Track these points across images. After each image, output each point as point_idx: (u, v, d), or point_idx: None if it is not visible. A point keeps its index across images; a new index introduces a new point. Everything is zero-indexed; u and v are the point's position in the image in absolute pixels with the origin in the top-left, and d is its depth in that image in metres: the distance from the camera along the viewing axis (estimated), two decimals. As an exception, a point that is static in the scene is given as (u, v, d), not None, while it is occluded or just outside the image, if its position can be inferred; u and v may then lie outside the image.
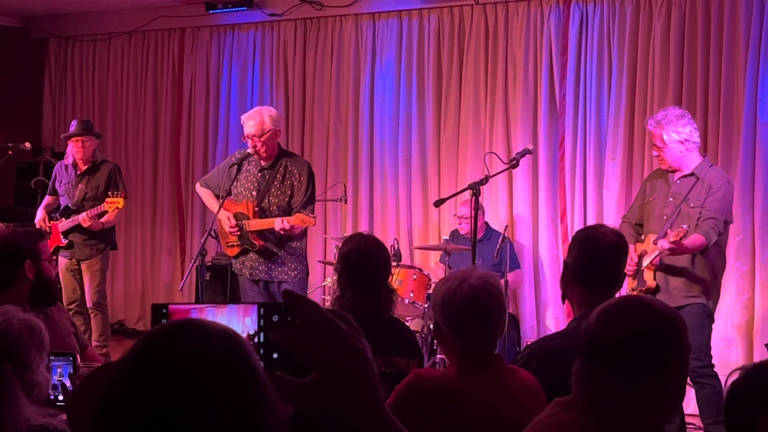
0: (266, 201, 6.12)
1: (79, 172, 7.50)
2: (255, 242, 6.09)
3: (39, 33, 10.25)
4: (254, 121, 6.11)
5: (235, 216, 6.15)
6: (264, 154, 6.12)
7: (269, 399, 1.36)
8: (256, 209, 6.10)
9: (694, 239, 5.29)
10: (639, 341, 2.17)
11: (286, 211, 6.08)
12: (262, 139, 6.06)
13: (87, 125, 7.62)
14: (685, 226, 5.21)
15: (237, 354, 1.37)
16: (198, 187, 6.57)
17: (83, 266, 7.43)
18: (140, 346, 1.38)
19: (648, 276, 5.52)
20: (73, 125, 7.61)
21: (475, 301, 2.98)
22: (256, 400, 1.36)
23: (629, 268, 5.53)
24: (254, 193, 6.13)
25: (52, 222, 7.45)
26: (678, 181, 5.57)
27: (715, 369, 5.41)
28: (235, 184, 6.18)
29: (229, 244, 6.28)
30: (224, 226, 6.19)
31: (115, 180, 7.51)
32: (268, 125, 6.09)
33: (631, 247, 5.62)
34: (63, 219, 7.38)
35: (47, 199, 7.69)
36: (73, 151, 7.49)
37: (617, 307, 2.29)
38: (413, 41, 8.24)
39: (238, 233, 6.13)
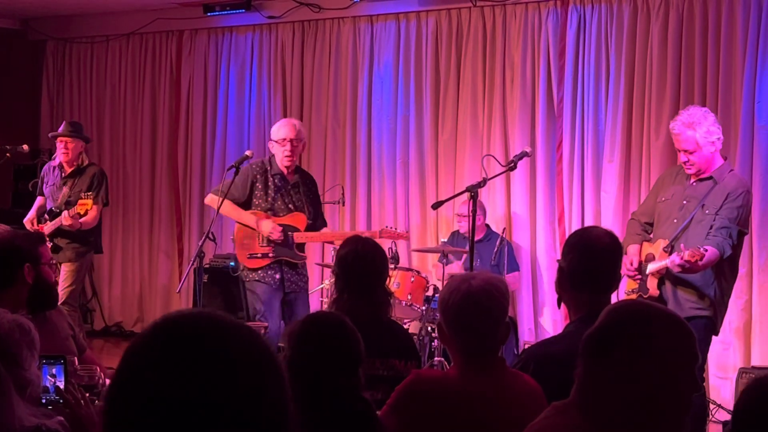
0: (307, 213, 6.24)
1: (64, 175, 7.44)
2: (300, 254, 6.18)
3: (37, 35, 10.24)
4: (291, 126, 6.22)
5: (281, 227, 6.16)
6: (293, 161, 6.20)
7: (288, 395, 1.38)
8: (310, 222, 6.17)
9: (708, 255, 4.95)
10: (636, 339, 2.13)
11: (316, 221, 6.33)
12: (300, 144, 6.21)
13: (75, 127, 7.53)
14: (701, 249, 4.87)
15: (265, 347, 1.39)
16: (209, 199, 6.34)
17: (63, 267, 7.35)
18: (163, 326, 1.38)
19: (652, 284, 5.25)
20: (62, 125, 7.54)
21: (470, 302, 2.99)
22: (282, 393, 1.37)
23: (629, 271, 5.33)
24: (291, 206, 6.21)
25: (39, 225, 7.36)
26: (694, 184, 5.26)
27: (704, 382, 5.30)
28: (266, 198, 6.20)
29: (255, 255, 6.20)
30: (270, 236, 6.12)
31: (98, 184, 7.39)
32: (303, 133, 6.27)
33: (635, 247, 5.42)
34: (49, 221, 7.31)
35: (39, 200, 7.62)
36: (59, 152, 7.44)
37: (621, 307, 2.29)
38: (411, 44, 8.25)
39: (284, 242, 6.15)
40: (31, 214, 7.53)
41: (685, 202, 5.28)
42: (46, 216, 7.42)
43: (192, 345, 1.33)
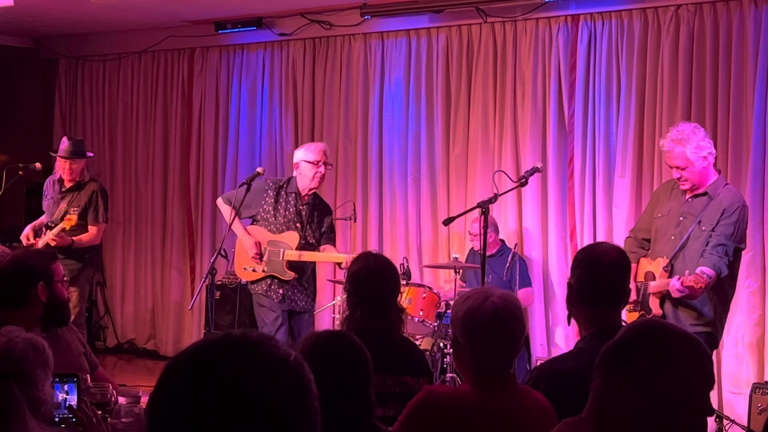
0: (308, 234, 6.31)
1: (63, 189, 7.42)
2: (289, 272, 6.22)
3: (49, 53, 10.30)
4: (322, 150, 6.37)
5: (274, 244, 6.24)
6: (319, 184, 6.37)
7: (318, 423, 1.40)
8: (302, 242, 6.25)
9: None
10: (657, 352, 2.14)
11: (320, 242, 6.41)
12: (326, 169, 6.39)
13: (78, 147, 7.44)
14: (705, 276, 4.88)
15: (308, 375, 1.43)
16: (220, 202, 6.60)
17: None
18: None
19: (654, 304, 5.25)
20: (64, 143, 7.44)
21: (497, 320, 2.98)
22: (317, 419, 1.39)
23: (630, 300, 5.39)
24: (298, 225, 6.33)
25: (36, 239, 7.31)
26: (690, 200, 5.29)
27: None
28: (274, 214, 6.31)
29: (249, 268, 6.34)
30: (248, 252, 6.26)
31: (96, 203, 7.36)
32: (330, 160, 6.51)
33: (633, 267, 5.49)
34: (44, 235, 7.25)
35: (43, 217, 7.59)
36: (61, 170, 7.40)
37: (644, 323, 2.30)
38: (422, 60, 8.26)
39: (260, 260, 6.25)
40: (27, 229, 7.48)
41: (681, 218, 5.28)
42: (44, 229, 7.39)
43: (227, 369, 1.34)
